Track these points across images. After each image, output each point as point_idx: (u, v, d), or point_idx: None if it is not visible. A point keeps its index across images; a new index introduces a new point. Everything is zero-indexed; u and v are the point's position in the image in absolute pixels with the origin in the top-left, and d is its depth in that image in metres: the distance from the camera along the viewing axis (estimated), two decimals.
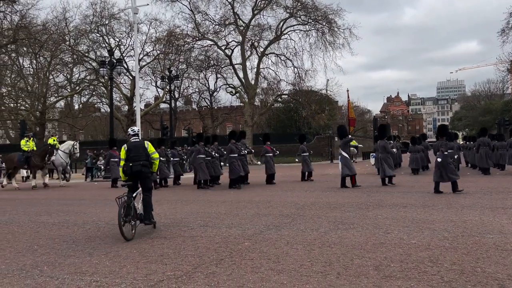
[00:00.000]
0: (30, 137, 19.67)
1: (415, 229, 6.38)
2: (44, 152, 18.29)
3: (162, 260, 5.06)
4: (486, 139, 19.47)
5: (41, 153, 18.31)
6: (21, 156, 18.26)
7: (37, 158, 18.11)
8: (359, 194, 11.48)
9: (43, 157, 18.14)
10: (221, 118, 59.24)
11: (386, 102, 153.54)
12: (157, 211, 9.24)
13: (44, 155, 18.18)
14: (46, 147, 18.76)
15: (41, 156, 18.15)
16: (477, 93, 79.41)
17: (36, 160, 18.05)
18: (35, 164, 18.14)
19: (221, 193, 13.31)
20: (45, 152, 18.28)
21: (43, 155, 18.19)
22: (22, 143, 18.89)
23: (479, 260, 4.62)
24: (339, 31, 41.14)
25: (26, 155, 18.10)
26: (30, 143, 18.76)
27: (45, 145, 19.23)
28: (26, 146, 18.49)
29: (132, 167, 6.79)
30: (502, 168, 19.79)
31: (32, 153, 18.21)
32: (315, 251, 5.22)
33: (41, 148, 18.98)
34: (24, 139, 19.17)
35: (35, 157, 18.09)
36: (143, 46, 42.79)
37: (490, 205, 8.65)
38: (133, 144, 7.06)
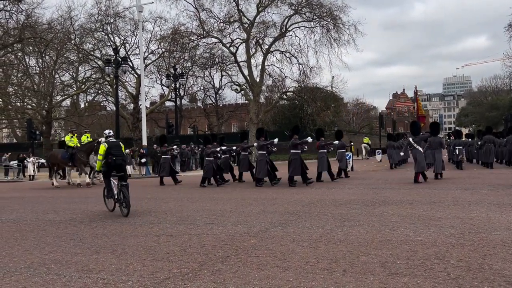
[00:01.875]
0: (74, 133, 19.04)
1: (421, 226, 6.35)
2: (90, 149, 17.41)
3: (168, 257, 5.08)
4: (490, 136, 20.75)
5: (87, 149, 17.48)
6: (65, 153, 17.56)
7: (83, 155, 17.35)
8: (365, 191, 11.45)
9: (88, 154, 17.38)
10: (226, 115, 59.32)
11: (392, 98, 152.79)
12: (163, 209, 9.31)
13: (89, 152, 17.39)
14: (92, 143, 17.78)
15: (87, 152, 17.38)
16: (484, 88, 78.75)
17: (82, 157, 17.32)
18: (80, 160, 17.40)
19: (226, 190, 13.33)
20: (90, 148, 17.38)
21: (89, 151, 17.40)
22: (66, 139, 18.15)
23: (486, 257, 4.59)
24: (344, 27, 40.93)
25: (71, 152, 17.39)
26: (74, 139, 18.03)
27: (90, 141, 18.30)
28: (71, 142, 17.73)
29: (116, 161, 8.69)
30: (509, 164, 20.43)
31: (77, 150, 17.50)
32: (321, 248, 5.22)
33: (87, 144, 17.93)
34: (69, 135, 18.42)
35: (80, 153, 17.36)
36: (148, 44, 42.85)
37: (497, 202, 8.59)
38: (112, 143, 8.98)
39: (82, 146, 17.76)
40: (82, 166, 17.70)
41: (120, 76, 29.56)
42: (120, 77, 30.86)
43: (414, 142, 13.92)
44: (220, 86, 55.73)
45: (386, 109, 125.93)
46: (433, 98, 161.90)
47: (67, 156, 17.44)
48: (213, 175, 15.16)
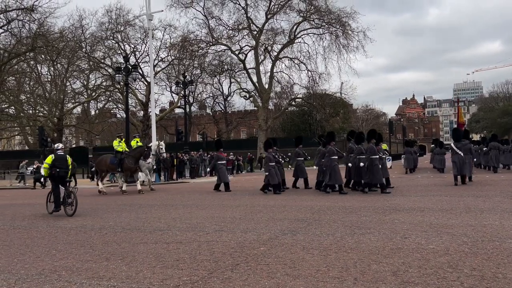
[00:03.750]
0: (122, 137, 18.34)
1: (433, 233, 6.27)
2: (139, 154, 16.81)
3: (178, 265, 5.08)
4: (496, 143, 23.03)
5: (136, 154, 16.82)
6: (114, 158, 16.87)
7: (131, 160, 16.65)
8: (376, 198, 11.36)
9: (137, 159, 16.80)
10: (235, 122, 59.52)
11: (401, 104, 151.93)
12: (173, 216, 9.33)
13: (139, 157, 16.81)
14: (142, 148, 17.23)
15: (136, 158, 16.76)
16: (495, 94, 78.01)
17: (130, 163, 16.61)
18: (128, 166, 16.66)
19: (236, 197, 13.32)
20: (140, 154, 16.82)
21: (138, 157, 16.80)
22: (115, 144, 17.39)
23: (500, 265, 4.51)
24: (353, 34, 41.04)
25: (120, 157, 16.66)
26: (123, 143, 17.41)
27: (140, 146, 17.68)
28: (120, 147, 17.03)
29: (59, 173, 10.16)
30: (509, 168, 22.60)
31: (126, 155, 16.79)
32: (332, 256, 5.17)
33: (136, 149, 17.20)
34: (117, 139, 17.68)
35: (128, 159, 16.64)
36: (157, 52, 43.34)
37: (510, 209, 8.46)
38: (59, 155, 10.37)
39: (131, 151, 17.10)
40: (128, 173, 17.06)
41: (130, 84, 29.81)
42: (130, 85, 31.12)
43: (456, 148, 14.72)
44: (229, 93, 56.02)
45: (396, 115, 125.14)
46: (443, 104, 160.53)
47: (115, 161, 16.76)
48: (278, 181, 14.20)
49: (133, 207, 11.70)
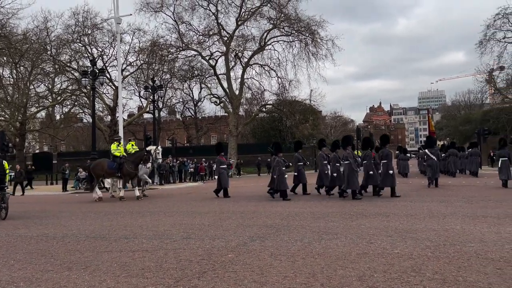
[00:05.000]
0: (120, 141, 17.58)
1: (398, 238, 6.41)
2: (139, 159, 16.29)
3: (143, 273, 4.96)
4: (454, 150, 25.53)
5: (135, 159, 16.26)
6: (112, 162, 16.25)
7: (131, 165, 16.03)
8: (343, 204, 11.52)
9: (137, 164, 16.27)
10: (205, 128, 59.15)
11: (369, 112, 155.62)
12: (139, 223, 9.12)
13: (138, 162, 16.29)
14: (142, 152, 16.74)
15: (136, 163, 16.20)
16: (457, 103, 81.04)
17: (130, 168, 15.97)
18: (128, 171, 16.02)
19: (205, 204, 13.20)
20: (140, 158, 16.30)
21: (138, 162, 16.27)
22: (112, 148, 16.72)
23: (461, 269, 4.65)
24: (322, 42, 41.73)
25: (119, 162, 16.05)
26: (121, 148, 16.76)
27: (140, 151, 17.16)
28: (118, 151, 16.37)
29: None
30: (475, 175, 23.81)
31: (125, 159, 16.17)
32: (299, 262, 5.19)
33: (136, 154, 16.69)
34: (115, 143, 16.97)
35: (128, 163, 16.00)
36: (126, 56, 42.55)
37: (471, 214, 8.76)
38: None
39: (131, 156, 16.51)
40: (127, 178, 16.42)
41: (97, 88, 29.14)
42: (97, 89, 30.43)
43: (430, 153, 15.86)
44: (199, 98, 55.71)
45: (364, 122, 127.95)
46: (409, 111, 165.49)
47: (114, 166, 16.13)
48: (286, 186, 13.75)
49: (98, 214, 11.39)
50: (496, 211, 9.19)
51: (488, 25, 40.23)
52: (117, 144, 16.75)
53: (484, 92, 55.19)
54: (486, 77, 44.96)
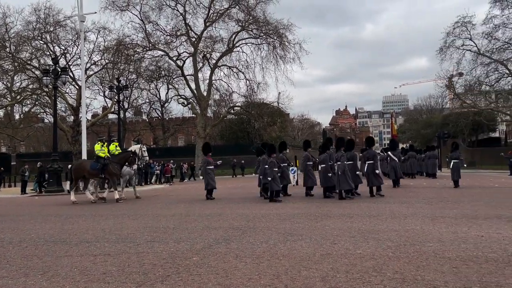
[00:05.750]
0: (105, 141, 16.76)
1: (360, 239, 6.55)
2: (124, 159, 15.88)
3: (104, 278, 4.83)
4: (413, 153, 27.34)
5: (121, 160, 15.81)
6: (95, 163, 15.56)
7: (116, 166, 15.55)
8: (309, 205, 11.66)
9: (122, 165, 15.82)
10: (172, 129, 58.44)
11: (335, 115, 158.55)
12: (102, 227, 8.90)
13: (123, 163, 15.86)
14: (127, 153, 16.31)
15: (121, 164, 15.74)
16: (419, 107, 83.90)
17: (114, 169, 15.49)
18: (112, 173, 15.53)
19: (170, 206, 13.04)
20: (125, 159, 15.90)
21: (123, 163, 15.83)
22: (96, 148, 15.93)
23: (419, 268, 4.80)
24: (290, 45, 42.23)
25: (103, 163, 15.46)
26: (105, 148, 16.03)
27: (125, 151, 16.55)
28: (102, 152, 15.69)
29: None
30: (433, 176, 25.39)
31: (110, 160, 15.61)
32: (264, 264, 5.20)
33: (121, 154, 16.24)
34: (99, 143, 16.21)
35: (112, 164, 15.51)
36: (90, 55, 41.48)
37: (430, 215, 9.08)
38: None
39: (115, 157, 15.96)
40: (114, 179, 15.83)
41: (59, 87, 28.22)
42: (59, 88, 29.47)
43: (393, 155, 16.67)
44: (167, 99, 55.03)
45: (330, 125, 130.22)
46: (373, 115, 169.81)
47: (97, 166, 15.50)
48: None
49: (59, 217, 11.02)
50: (454, 211, 9.56)
51: (448, 33, 41.98)
52: (101, 144, 16.15)
53: (444, 97, 57.51)
54: (446, 82, 46.79)
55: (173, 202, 14.52)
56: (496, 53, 40.66)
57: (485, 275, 4.44)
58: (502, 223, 7.76)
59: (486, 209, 9.95)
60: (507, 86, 42.55)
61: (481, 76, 41.95)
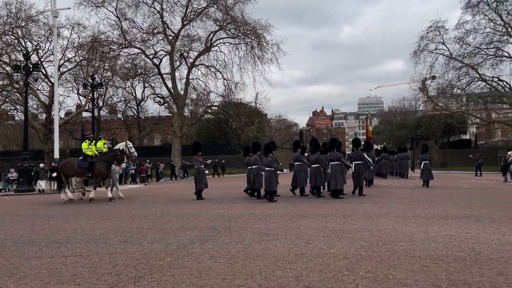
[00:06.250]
0: (92, 139, 16.36)
1: (334, 238, 6.62)
2: (112, 158, 15.50)
3: (74, 280, 4.72)
4: (385, 154, 28.87)
5: (109, 159, 15.43)
6: (83, 162, 15.19)
7: (103, 165, 15.17)
8: (285, 205, 11.72)
9: (110, 164, 15.46)
10: (148, 128, 57.68)
11: (312, 116, 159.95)
12: (74, 227, 8.70)
13: (112, 162, 15.49)
14: (115, 152, 15.81)
15: (109, 162, 15.38)
16: (394, 109, 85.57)
17: (102, 168, 15.14)
18: (99, 172, 15.17)
19: (145, 206, 12.87)
20: (113, 158, 15.52)
21: (111, 161, 15.47)
22: (84, 146, 15.56)
23: (391, 267, 4.89)
24: (268, 46, 42.33)
25: (91, 161, 15.10)
26: (93, 146, 15.65)
27: (113, 150, 16.02)
28: (89, 150, 15.34)
29: None
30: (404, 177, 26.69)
31: (97, 159, 15.24)
32: (238, 264, 5.20)
33: (109, 153, 15.85)
34: (86, 141, 15.81)
35: (100, 163, 15.14)
36: (64, 51, 40.53)
37: (403, 214, 9.26)
38: None
39: (103, 155, 15.59)
40: (99, 179, 15.48)
41: (31, 84, 27.44)
42: (31, 85, 28.65)
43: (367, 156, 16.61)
44: (143, 97, 54.27)
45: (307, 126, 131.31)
46: (349, 116, 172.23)
47: (85, 165, 15.15)
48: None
49: (29, 218, 10.71)
50: (425, 211, 9.79)
51: (422, 37, 43.00)
52: (88, 142, 15.77)
53: (418, 100, 58.79)
54: (419, 85, 47.92)
55: (148, 202, 14.33)
56: (467, 58, 41.90)
57: (454, 273, 4.57)
58: (471, 223, 8.00)
59: (456, 209, 10.24)
60: (477, 90, 43.89)
61: (453, 80, 43.17)
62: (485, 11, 40.73)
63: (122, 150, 16.08)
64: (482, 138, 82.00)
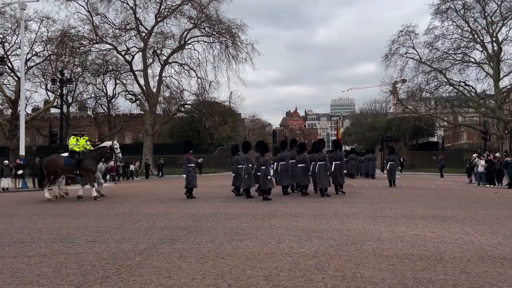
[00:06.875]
0: (80, 135, 15.85)
1: (305, 238, 6.68)
2: (100, 156, 15.13)
3: (38, 280, 4.57)
4: (353, 155, 30.69)
5: (97, 156, 15.04)
6: (69, 159, 14.69)
7: (92, 162, 14.75)
8: (257, 205, 11.74)
9: (98, 161, 15.11)
10: (119, 126, 56.52)
11: (285, 116, 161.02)
12: (39, 226, 8.44)
13: (100, 159, 15.15)
14: (104, 149, 15.34)
15: (97, 159, 15.03)
16: (365, 111, 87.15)
17: (90, 165, 14.70)
18: (88, 169, 14.70)
19: (114, 206, 12.61)
20: (102, 155, 15.15)
21: (99, 158, 15.10)
22: (71, 143, 15.06)
23: (359, 266, 4.97)
24: (242, 45, 42.32)
25: (78, 158, 14.61)
26: (80, 142, 15.13)
27: (102, 147, 15.48)
28: (77, 147, 14.85)
29: None
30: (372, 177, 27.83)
31: (85, 156, 14.79)
32: (209, 264, 5.17)
33: (97, 150, 15.38)
34: (73, 138, 15.32)
35: (88, 160, 14.71)
36: (32, 45, 39.23)
37: (372, 214, 9.45)
38: None
39: (91, 152, 15.14)
40: (91, 176, 14.93)
41: None
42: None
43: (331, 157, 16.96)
44: (114, 94, 53.12)
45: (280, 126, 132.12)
46: (322, 117, 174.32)
47: (72, 162, 14.64)
48: None
49: None
50: (393, 211, 10.02)
51: (393, 41, 44.01)
52: (76, 139, 15.30)
53: (388, 102, 60.20)
54: (390, 88, 48.99)
55: (118, 201, 14.06)
56: (436, 62, 43.18)
57: (419, 272, 4.69)
58: (437, 223, 8.25)
59: (423, 209, 10.52)
60: (445, 94, 45.28)
61: (422, 84, 44.38)
62: (453, 18, 42.15)
63: (111, 147, 15.68)
64: (449, 140, 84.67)
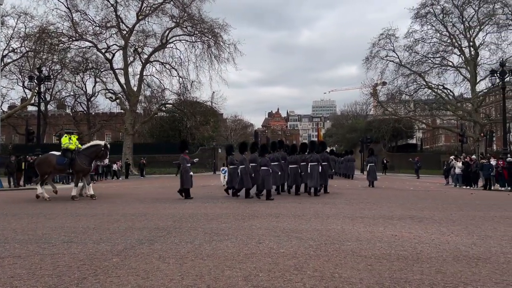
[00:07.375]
0: (73, 133, 15.56)
1: (284, 238, 6.70)
2: (94, 154, 14.76)
3: (12, 282, 4.46)
4: (333, 156, 29.71)
5: (91, 154, 14.69)
6: (62, 158, 14.39)
7: (85, 161, 14.44)
8: (237, 205, 11.72)
9: (92, 160, 14.79)
10: (99, 124, 55.64)
11: (267, 117, 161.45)
12: (13, 227, 8.23)
13: (93, 158, 14.82)
14: (98, 147, 14.97)
15: (91, 158, 14.69)
16: (346, 113, 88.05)
17: (83, 163, 14.39)
18: (81, 167, 14.40)
19: (92, 206, 12.40)
20: (95, 153, 14.79)
21: (93, 157, 14.78)
22: (64, 141, 14.76)
23: (338, 266, 5.02)
24: (225, 45, 42.21)
25: (71, 157, 14.33)
26: (74, 140, 14.87)
27: (96, 145, 15.09)
28: (70, 145, 14.59)
29: None
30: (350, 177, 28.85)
31: (79, 154, 14.49)
32: (188, 264, 5.13)
33: (91, 148, 15.04)
34: (66, 136, 14.99)
35: (81, 158, 14.41)
36: (8, 41, 38.29)
37: (351, 215, 9.55)
38: None
39: (84, 150, 14.80)
40: (80, 174, 14.63)
41: None
42: None
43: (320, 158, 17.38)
44: (93, 93, 52.26)
45: (262, 127, 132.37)
46: (303, 118, 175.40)
47: (65, 161, 14.37)
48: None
49: None
50: (372, 212, 10.15)
51: (374, 44, 44.59)
52: (69, 137, 14.99)
53: (369, 104, 60.91)
54: (370, 90, 49.62)
55: (96, 201, 13.83)
56: (416, 66, 43.95)
57: (396, 272, 4.76)
58: (414, 223, 8.39)
59: (401, 210, 10.69)
60: (424, 96, 46.10)
61: (401, 86, 45.08)
62: (432, 22, 42.97)
63: (105, 145, 15.38)
64: (427, 142, 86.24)
